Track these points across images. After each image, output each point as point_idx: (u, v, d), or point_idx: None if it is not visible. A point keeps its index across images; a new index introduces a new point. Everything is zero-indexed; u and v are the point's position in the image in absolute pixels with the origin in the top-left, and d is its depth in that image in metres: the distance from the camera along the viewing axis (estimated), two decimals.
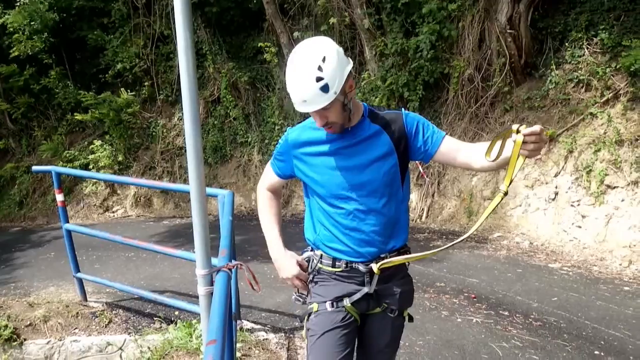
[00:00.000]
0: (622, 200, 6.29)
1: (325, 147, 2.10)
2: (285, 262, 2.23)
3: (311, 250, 2.27)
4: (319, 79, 1.85)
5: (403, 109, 2.21)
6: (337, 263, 2.16)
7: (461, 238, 2.08)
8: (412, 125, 2.11)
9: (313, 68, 1.85)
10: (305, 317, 2.24)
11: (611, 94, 6.81)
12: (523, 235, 7.08)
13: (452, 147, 2.10)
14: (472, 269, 5.98)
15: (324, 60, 1.85)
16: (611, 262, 5.98)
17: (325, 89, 1.86)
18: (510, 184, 1.86)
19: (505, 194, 1.90)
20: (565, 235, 6.69)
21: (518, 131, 1.73)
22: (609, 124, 6.66)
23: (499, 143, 1.82)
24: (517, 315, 4.66)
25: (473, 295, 5.15)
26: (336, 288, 2.17)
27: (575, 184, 6.80)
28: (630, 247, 6.02)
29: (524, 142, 1.73)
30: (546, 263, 6.11)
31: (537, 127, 1.72)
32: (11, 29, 10.94)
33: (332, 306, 2.15)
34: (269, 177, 2.33)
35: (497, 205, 1.94)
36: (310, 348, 2.18)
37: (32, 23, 10.87)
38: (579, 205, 6.67)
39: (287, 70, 1.94)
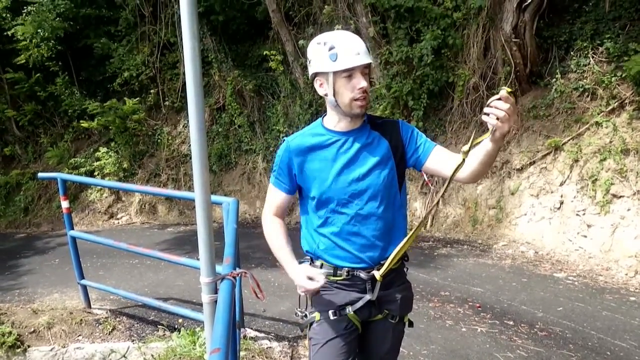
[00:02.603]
0: (628, 210, 6.25)
1: (327, 153, 2.13)
2: (308, 281, 2.10)
3: (311, 262, 2.26)
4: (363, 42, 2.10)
5: (399, 119, 2.25)
6: (338, 272, 2.16)
7: (436, 201, 2.10)
8: (407, 133, 2.19)
9: (356, 35, 2.11)
10: (307, 326, 2.24)
11: (617, 103, 6.79)
12: (528, 244, 7.05)
13: (442, 157, 2.14)
14: (477, 278, 5.96)
15: None
16: (617, 272, 5.94)
17: (368, 50, 2.09)
18: (471, 146, 1.83)
19: (465, 154, 1.86)
20: (570, 245, 6.65)
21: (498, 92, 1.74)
22: (614, 133, 6.64)
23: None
24: (522, 325, 4.63)
25: (478, 305, 5.12)
26: (338, 297, 2.17)
27: (580, 193, 6.77)
28: (636, 257, 5.98)
29: (494, 108, 1.72)
30: (551, 272, 6.08)
31: (511, 98, 1.72)
32: (19, 37, 11.03)
33: (335, 315, 2.15)
34: (274, 199, 2.26)
35: (459, 167, 1.91)
36: (313, 357, 2.19)
37: (39, 31, 10.96)
38: (584, 214, 6.64)
39: (329, 37, 2.07)
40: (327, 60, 2.02)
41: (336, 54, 2.00)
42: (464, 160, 1.86)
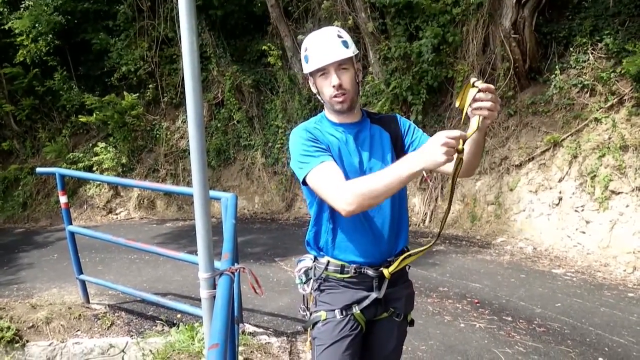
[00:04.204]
0: (627, 206, 6.26)
1: (336, 144, 2.10)
2: (444, 142, 1.70)
3: (314, 260, 2.22)
4: (339, 37, 2.05)
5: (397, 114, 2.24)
6: (345, 269, 2.13)
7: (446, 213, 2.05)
8: (405, 126, 2.23)
9: (333, 31, 2.07)
10: (311, 326, 2.21)
11: (616, 99, 6.79)
12: (527, 240, 7.06)
13: None
14: (475, 274, 5.96)
15: (339, 31, 2.10)
16: (615, 268, 5.95)
17: (345, 44, 2.03)
18: (464, 143, 1.75)
19: (460, 152, 1.74)
20: (569, 241, 6.66)
21: (474, 86, 1.71)
22: (613, 130, 6.64)
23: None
24: (521, 320, 4.64)
25: (476, 301, 5.13)
26: (345, 295, 2.14)
27: (579, 190, 6.78)
28: (635, 253, 6.00)
29: (480, 100, 1.71)
30: (550, 268, 6.09)
31: (491, 86, 1.71)
32: (17, 32, 11.00)
33: (342, 314, 2.12)
34: (331, 171, 1.97)
35: (458, 168, 1.79)
36: (317, 358, 2.15)
37: (37, 26, 10.92)
38: (583, 210, 6.64)
39: (306, 39, 2.10)
40: (304, 62, 2.11)
41: (307, 55, 2.06)
42: (462, 160, 1.78)
